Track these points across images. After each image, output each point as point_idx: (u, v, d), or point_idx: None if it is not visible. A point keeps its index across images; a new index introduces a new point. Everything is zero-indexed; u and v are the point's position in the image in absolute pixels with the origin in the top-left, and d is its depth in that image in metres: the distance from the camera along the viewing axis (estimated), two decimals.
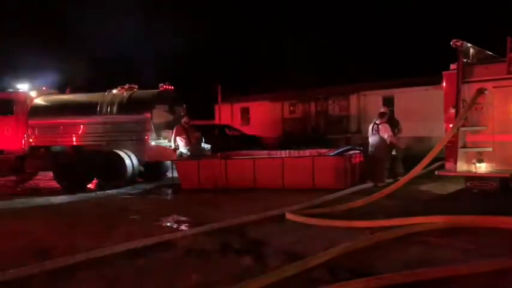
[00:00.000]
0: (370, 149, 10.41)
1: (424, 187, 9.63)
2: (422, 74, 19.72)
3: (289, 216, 6.98)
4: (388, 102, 19.15)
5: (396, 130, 10.87)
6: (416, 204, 7.89)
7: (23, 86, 13.93)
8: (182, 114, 13.34)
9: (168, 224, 7.28)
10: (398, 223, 6.13)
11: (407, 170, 8.83)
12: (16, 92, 13.79)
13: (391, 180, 9.97)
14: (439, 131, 10.00)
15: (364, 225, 6.26)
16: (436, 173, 8.50)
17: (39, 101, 13.60)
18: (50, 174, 13.24)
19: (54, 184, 12.94)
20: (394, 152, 10.56)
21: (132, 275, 4.82)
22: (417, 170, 7.88)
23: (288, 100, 24.68)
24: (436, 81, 10.40)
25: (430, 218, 6.16)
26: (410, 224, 6.02)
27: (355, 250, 5.13)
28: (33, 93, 13.74)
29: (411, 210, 6.98)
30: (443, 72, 8.30)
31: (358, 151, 11.18)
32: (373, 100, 20.88)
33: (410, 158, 10.23)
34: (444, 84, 8.28)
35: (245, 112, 26.26)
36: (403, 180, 8.07)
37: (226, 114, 26.17)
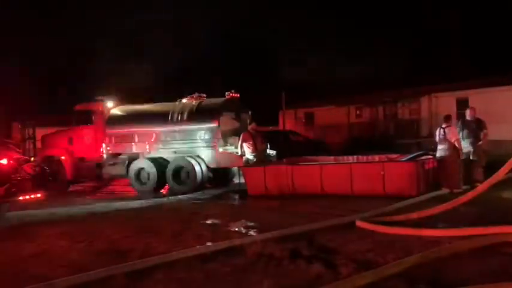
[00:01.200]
0: (438, 154, 10.01)
1: (506, 194, 8.98)
2: (499, 73, 18.52)
3: (359, 223, 6.79)
4: (463, 104, 18.15)
5: (482, 133, 10.29)
6: (497, 212, 7.36)
7: (100, 98, 14.87)
8: (248, 121, 13.53)
9: (237, 229, 7.37)
10: (478, 232, 5.75)
11: (487, 176, 8.27)
12: (94, 103, 14.76)
13: (467, 186, 9.43)
14: None
15: (440, 234, 5.95)
16: None
17: (116, 111, 14.42)
18: (126, 180, 13.98)
19: (130, 189, 13.64)
20: (472, 157, 10.02)
21: (204, 279, 4.92)
22: (499, 175, 7.34)
23: (354, 104, 24.18)
24: None
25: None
26: (491, 234, 5.64)
27: (432, 260, 4.88)
28: (109, 104, 14.62)
29: (491, 218, 6.53)
30: None
31: (431, 156, 10.69)
32: (445, 102, 19.90)
33: (489, 163, 9.60)
34: None
35: (309, 117, 26.06)
36: (482, 186, 7.56)
37: (290, 119, 26.13)
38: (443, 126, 9.93)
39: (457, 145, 9.75)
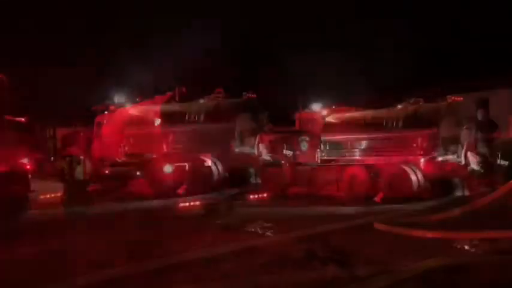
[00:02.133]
0: None
1: None
2: None
3: (377, 225, 6.75)
4: (483, 104, 17.79)
5: (494, 134, 10.18)
6: None
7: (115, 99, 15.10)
8: (265, 121, 13.54)
9: (253, 230, 7.37)
10: (497, 236, 5.67)
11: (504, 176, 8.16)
12: (111, 105, 14.97)
13: (487, 188, 9.31)
14: None
15: (458, 237, 5.87)
16: None
17: (133, 112, 14.57)
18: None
19: (148, 189, 13.73)
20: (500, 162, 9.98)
21: (221, 278, 4.95)
22: None
23: (371, 105, 23.91)
24: None
25: None
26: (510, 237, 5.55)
27: (451, 263, 4.83)
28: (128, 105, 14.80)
29: (509, 222, 6.42)
30: None
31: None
32: (464, 102, 19.57)
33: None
34: None
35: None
36: (502, 189, 7.45)
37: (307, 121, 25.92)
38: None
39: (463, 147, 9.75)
